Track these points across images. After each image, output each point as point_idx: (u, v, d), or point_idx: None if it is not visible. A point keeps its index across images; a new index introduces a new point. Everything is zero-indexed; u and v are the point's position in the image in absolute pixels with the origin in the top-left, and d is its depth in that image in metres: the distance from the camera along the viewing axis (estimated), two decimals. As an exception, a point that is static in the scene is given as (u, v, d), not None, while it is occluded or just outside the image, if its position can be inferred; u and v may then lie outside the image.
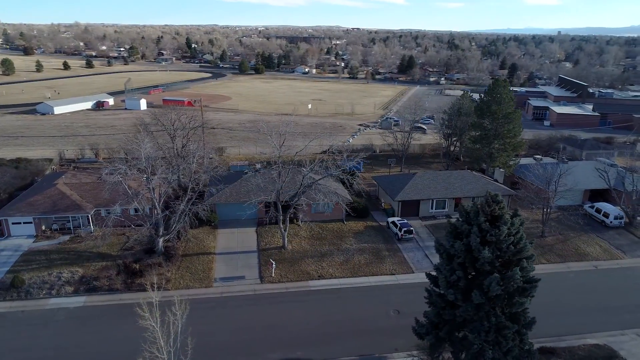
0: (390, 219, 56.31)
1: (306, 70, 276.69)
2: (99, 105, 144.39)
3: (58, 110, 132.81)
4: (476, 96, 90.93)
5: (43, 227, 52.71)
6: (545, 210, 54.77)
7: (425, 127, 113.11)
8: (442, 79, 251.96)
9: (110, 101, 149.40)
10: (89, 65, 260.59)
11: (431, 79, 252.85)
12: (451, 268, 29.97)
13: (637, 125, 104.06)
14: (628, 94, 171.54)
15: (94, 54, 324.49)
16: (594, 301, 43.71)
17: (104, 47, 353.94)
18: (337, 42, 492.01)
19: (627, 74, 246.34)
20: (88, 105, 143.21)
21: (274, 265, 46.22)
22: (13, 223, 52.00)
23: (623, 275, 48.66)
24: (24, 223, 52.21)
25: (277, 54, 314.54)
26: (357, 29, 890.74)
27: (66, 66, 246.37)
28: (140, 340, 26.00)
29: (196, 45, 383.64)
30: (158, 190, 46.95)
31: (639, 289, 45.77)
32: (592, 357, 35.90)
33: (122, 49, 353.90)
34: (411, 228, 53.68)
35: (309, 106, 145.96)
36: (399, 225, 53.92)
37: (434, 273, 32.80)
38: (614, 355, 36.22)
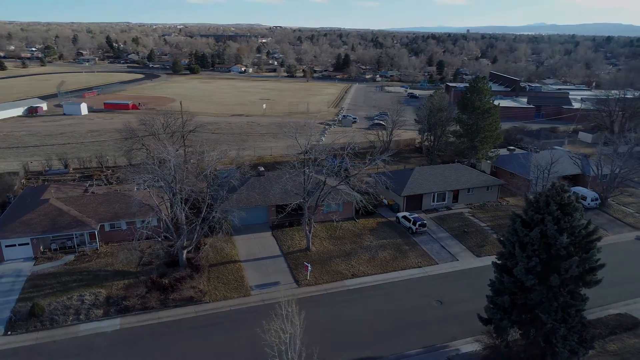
0: (401, 214, 57.93)
1: (243, 69, 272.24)
2: (32, 112, 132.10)
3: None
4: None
5: (41, 248, 47.89)
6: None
7: (384, 123, 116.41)
8: (377, 76, 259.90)
9: (44, 106, 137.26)
10: (1, 67, 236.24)
11: (367, 77, 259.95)
12: (527, 255, 32.01)
13: (578, 116, 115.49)
14: (550, 87, 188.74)
15: (2, 54, 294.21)
16: (601, 275, 48.33)
17: (12, 47, 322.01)
18: (264, 40, 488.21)
19: (540, 69, 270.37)
20: (19, 111, 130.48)
21: (309, 268, 45.89)
22: (6, 246, 46.65)
23: (614, 250, 54.08)
24: (19, 245, 47.04)
25: (208, 53, 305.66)
26: (280, 27, 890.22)
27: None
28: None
29: (117, 44, 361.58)
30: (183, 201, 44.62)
31: (634, 261, 51.46)
32: (622, 326, 40.05)
33: (34, 49, 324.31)
34: (425, 222, 55.72)
35: (264, 106, 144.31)
36: (412, 219, 55.69)
37: (499, 262, 34.82)
38: (638, 322, 40.69)
